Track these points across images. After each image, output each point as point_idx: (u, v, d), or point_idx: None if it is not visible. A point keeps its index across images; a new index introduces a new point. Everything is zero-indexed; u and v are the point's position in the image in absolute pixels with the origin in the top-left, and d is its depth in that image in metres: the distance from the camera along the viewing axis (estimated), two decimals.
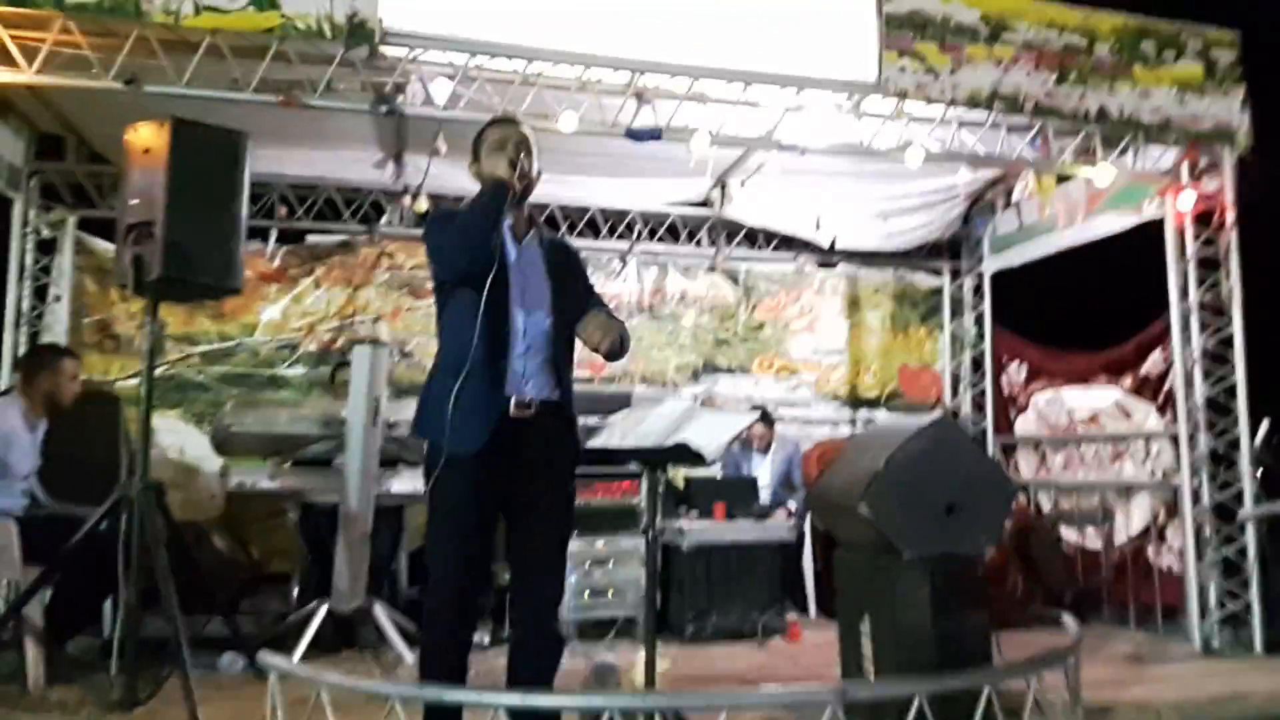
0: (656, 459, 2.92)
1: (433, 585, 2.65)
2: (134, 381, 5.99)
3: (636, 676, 3.66)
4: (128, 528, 3.47)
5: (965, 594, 3.35)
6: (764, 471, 6.24)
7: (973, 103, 4.86)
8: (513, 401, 2.64)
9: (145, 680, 3.54)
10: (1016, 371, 7.26)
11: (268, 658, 2.60)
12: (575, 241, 6.69)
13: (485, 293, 2.57)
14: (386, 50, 4.11)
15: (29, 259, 6.09)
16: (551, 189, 5.97)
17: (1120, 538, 6.06)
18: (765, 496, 6.04)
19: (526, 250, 2.78)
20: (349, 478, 4.49)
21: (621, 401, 4.36)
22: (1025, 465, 7.09)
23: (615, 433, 3.14)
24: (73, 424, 4.40)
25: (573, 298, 2.78)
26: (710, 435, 2.90)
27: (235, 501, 5.68)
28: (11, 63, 3.92)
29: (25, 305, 6.06)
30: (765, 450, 6.29)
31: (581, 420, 2.86)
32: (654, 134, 4.61)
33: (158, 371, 6.01)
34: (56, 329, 6.06)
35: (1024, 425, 7.12)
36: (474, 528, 2.63)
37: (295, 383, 6.49)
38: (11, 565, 3.84)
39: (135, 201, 3.47)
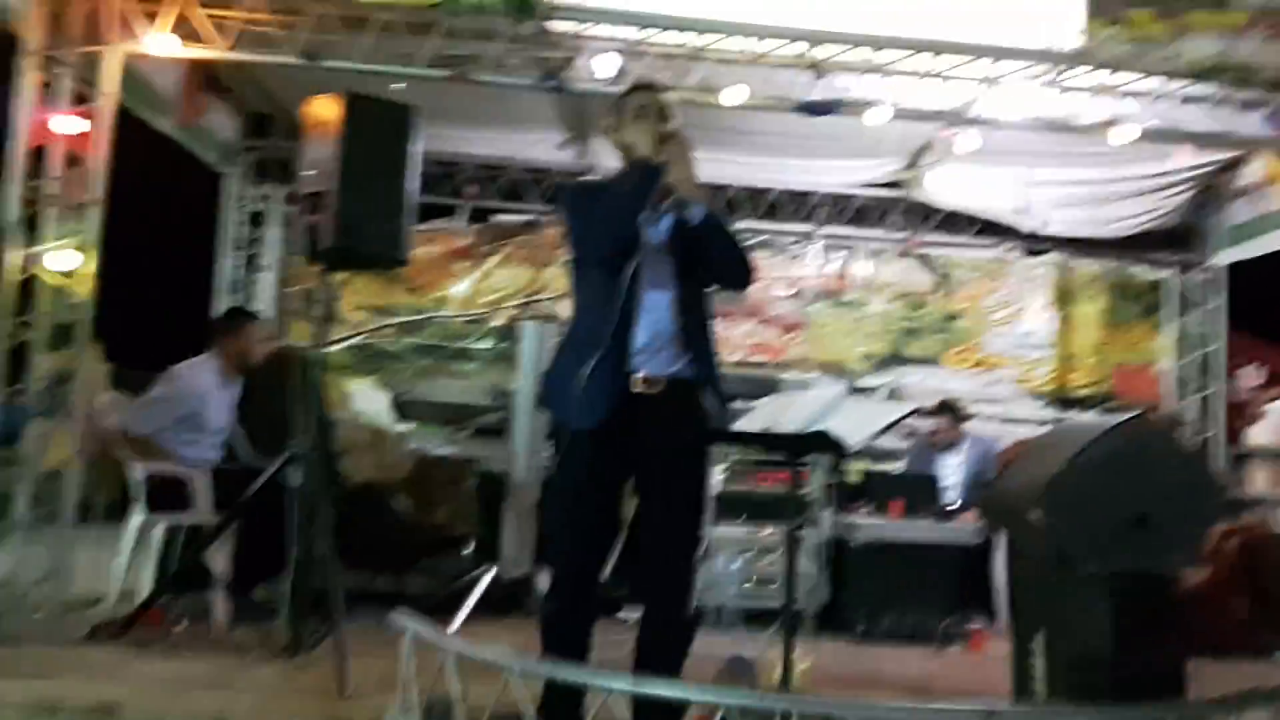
0: (793, 446, 2.77)
1: (554, 559, 2.62)
2: (332, 348, 6.36)
3: (777, 673, 3.50)
4: (299, 484, 3.65)
5: (1154, 617, 2.98)
6: (950, 470, 5.88)
7: (1194, 75, 4.35)
8: (637, 377, 2.56)
9: (316, 630, 3.71)
10: (1253, 375, 6.53)
11: (398, 618, 2.64)
12: (755, 224, 6.54)
13: (618, 271, 2.51)
14: (554, 25, 4.11)
15: (241, 231, 6.59)
16: (730, 169, 5.86)
17: None
18: (951, 496, 5.69)
19: (660, 224, 2.69)
20: (516, 448, 4.60)
21: (767, 387, 4.21)
22: (1261, 479, 6.40)
23: (758, 417, 3.01)
24: (276, 383, 4.68)
25: (699, 264, 2.66)
26: (855, 425, 2.71)
27: (422, 466, 5.92)
28: (206, 40, 4.18)
29: (239, 274, 6.57)
30: (949, 448, 5.91)
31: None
32: (828, 108, 4.39)
33: (355, 340, 6.46)
34: (264, 297, 6.55)
35: (1260, 434, 6.46)
36: (593, 503, 2.59)
37: (480, 356, 6.67)
38: (203, 512, 4.15)
39: (311, 172, 3.63)
